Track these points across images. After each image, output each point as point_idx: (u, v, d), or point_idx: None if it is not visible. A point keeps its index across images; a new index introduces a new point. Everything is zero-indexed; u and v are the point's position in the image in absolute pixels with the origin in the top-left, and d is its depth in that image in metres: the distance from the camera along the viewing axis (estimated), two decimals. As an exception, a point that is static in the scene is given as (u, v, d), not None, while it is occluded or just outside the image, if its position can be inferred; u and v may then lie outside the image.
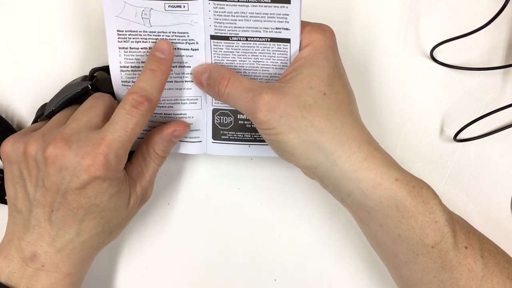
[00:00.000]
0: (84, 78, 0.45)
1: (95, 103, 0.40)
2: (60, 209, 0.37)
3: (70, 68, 0.47)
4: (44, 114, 0.43)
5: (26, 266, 0.38)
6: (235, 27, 0.38)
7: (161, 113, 0.43)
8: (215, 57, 0.40)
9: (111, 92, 0.42)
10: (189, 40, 0.40)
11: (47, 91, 0.45)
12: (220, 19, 0.38)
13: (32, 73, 0.47)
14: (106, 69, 0.43)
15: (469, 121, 0.45)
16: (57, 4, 0.47)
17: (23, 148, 0.38)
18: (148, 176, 0.41)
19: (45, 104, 0.44)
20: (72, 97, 0.42)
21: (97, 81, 0.44)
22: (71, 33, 0.47)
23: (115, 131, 0.37)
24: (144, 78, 0.39)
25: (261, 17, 0.38)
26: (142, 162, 0.41)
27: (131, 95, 0.37)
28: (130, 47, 0.40)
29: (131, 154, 0.42)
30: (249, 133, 0.43)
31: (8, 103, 0.47)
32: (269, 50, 0.39)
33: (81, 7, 0.47)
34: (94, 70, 0.44)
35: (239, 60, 0.40)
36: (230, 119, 0.43)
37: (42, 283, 0.38)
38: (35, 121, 0.44)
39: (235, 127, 0.43)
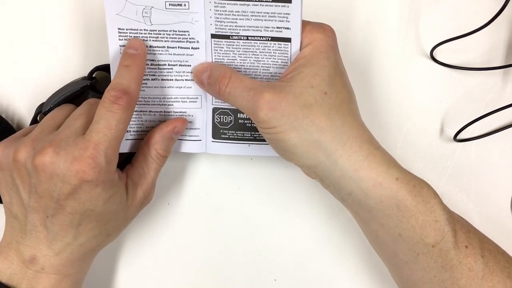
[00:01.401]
0: (84, 79, 0.45)
1: (88, 110, 0.39)
2: (55, 215, 0.37)
3: (70, 68, 0.47)
4: (42, 111, 0.43)
5: (27, 268, 0.38)
6: (236, 26, 0.38)
7: (161, 111, 0.43)
8: (215, 56, 0.40)
9: None
10: (190, 38, 0.40)
11: (47, 91, 0.45)
12: (221, 18, 0.38)
13: (32, 73, 0.47)
14: (106, 68, 0.43)
15: (469, 121, 0.45)
16: (57, 4, 0.47)
17: (13, 155, 0.37)
18: (150, 178, 0.41)
19: (43, 103, 0.44)
20: (70, 96, 0.42)
21: (97, 81, 0.44)
22: (71, 33, 0.47)
23: (99, 131, 0.36)
24: (119, 74, 0.38)
25: (262, 16, 0.38)
26: (143, 163, 0.41)
27: (108, 92, 0.37)
28: None
29: (132, 157, 0.42)
30: (249, 132, 0.43)
31: (8, 103, 0.47)
32: (270, 49, 0.39)
33: (81, 7, 0.47)
34: (94, 69, 0.44)
35: (240, 59, 0.40)
36: (230, 118, 0.43)
37: (43, 284, 0.38)
38: (34, 118, 0.44)
39: (235, 126, 0.43)
